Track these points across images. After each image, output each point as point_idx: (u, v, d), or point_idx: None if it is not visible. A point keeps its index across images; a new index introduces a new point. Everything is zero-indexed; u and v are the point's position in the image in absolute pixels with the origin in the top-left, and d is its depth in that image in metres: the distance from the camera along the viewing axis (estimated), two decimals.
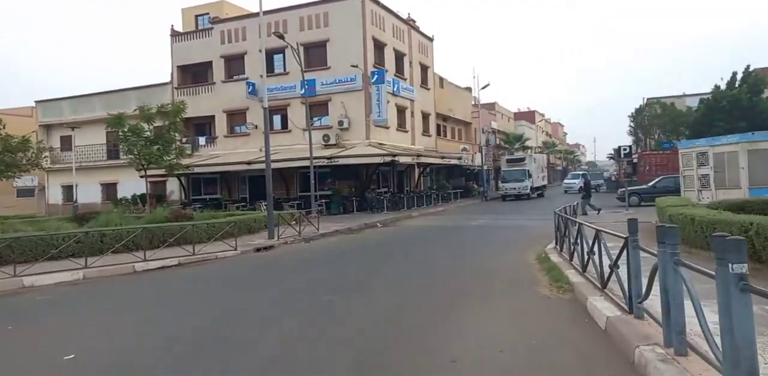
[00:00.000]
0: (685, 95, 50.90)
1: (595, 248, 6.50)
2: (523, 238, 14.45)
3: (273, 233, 15.11)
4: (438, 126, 38.89)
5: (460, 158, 34.81)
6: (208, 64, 31.13)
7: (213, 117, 31.04)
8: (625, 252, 5.14)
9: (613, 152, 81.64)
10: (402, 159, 25.41)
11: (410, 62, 32.82)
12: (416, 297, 7.31)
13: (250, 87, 28.67)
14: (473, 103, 46.32)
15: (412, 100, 32.63)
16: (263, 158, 19.35)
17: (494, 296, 7.16)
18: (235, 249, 13.14)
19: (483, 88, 38.83)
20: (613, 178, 65.71)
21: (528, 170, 35.47)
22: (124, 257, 11.66)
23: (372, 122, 27.34)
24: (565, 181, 49.43)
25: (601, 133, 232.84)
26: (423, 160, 28.39)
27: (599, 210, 20.64)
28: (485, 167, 42.56)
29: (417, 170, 33.90)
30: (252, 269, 11.08)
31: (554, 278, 7.64)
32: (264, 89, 17.23)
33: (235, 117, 30.64)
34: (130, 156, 21.20)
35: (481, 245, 13.09)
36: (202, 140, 31.16)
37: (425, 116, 35.25)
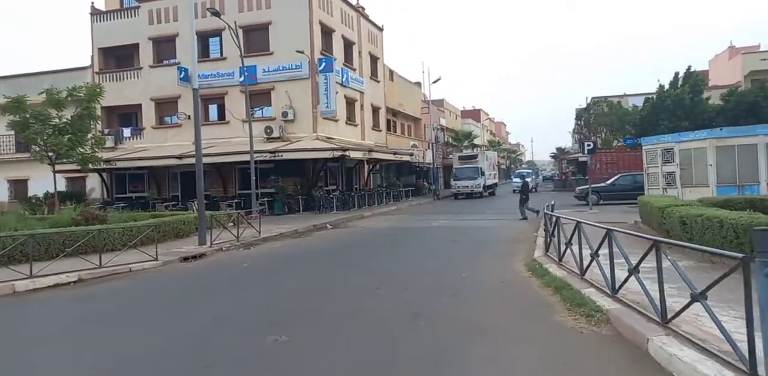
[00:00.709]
0: (626, 95, 51.67)
1: (645, 266, 4.76)
2: (496, 241, 12.80)
3: (205, 238, 12.70)
4: (388, 121, 37.09)
5: (411, 154, 33.14)
6: (134, 47, 27.82)
7: (140, 106, 27.77)
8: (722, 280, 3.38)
9: (556, 151, 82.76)
10: (353, 154, 23.37)
11: (360, 52, 30.78)
12: (395, 335, 5.31)
13: (182, 73, 25.71)
14: (423, 99, 44.89)
15: (361, 93, 30.62)
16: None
17: (504, 330, 5.27)
18: (156, 259, 10.67)
19: (434, 82, 37.40)
20: (555, 177, 66.44)
21: (480, 168, 34.31)
22: (4, 273, 9.02)
23: (319, 114, 25.10)
24: (515, 180, 47.86)
25: (537, 134, 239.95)
26: (375, 155, 26.47)
27: (524, 218, 18.89)
28: (435, 165, 41.22)
29: (367, 167, 31.97)
30: (172, 287, 8.73)
31: (572, 301, 5.86)
32: (195, 73, 14.62)
33: (165, 106, 27.52)
34: (34, 147, 18.01)
35: (453, 251, 11.28)
36: (126, 132, 27.84)
37: (375, 110, 33.34)
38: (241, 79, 23.54)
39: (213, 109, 26.82)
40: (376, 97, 33.34)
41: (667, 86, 39.70)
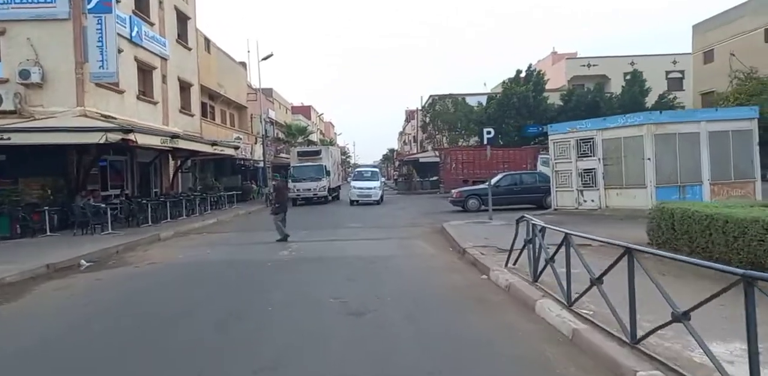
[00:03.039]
0: (461, 94, 49.89)
1: None
2: (431, 298, 6.16)
3: None
4: (204, 105, 28.48)
5: (237, 148, 25.14)
6: None
7: None
8: None
9: (388, 152, 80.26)
10: (144, 140, 14.85)
11: (160, 2, 21.94)
12: None
13: None
14: (249, 84, 36.85)
15: (164, 59, 21.83)
16: None
17: None
18: None
19: (265, 58, 29.81)
20: (394, 179, 62.96)
21: (325, 166, 27.74)
22: None
23: (88, 77, 16.04)
24: (356, 184, 27.98)
25: (357, 138, 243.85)
26: (183, 145, 18.04)
27: (286, 236, 12.41)
28: (266, 163, 33.58)
29: (173, 163, 23.20)
30: None
31: None
32: None
33: None
34: None
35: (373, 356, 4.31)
36: None
37: (185, 87, 24.64)
38: None
39: None
40: (186, 70, 24.66)
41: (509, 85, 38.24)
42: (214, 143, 20.89)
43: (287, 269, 8.62)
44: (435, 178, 40.24)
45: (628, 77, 38.99)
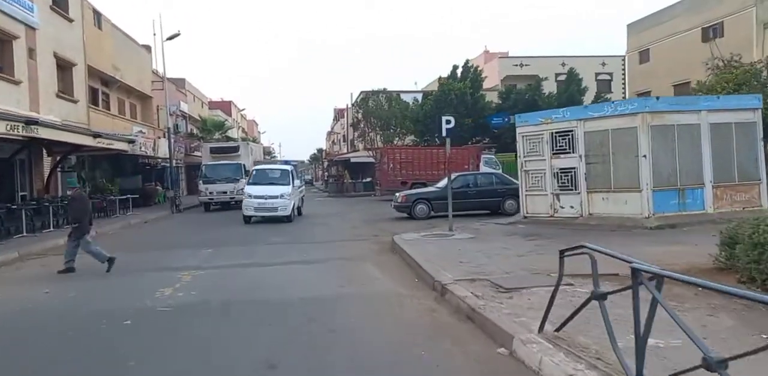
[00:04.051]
0: (395, 91, 47.27)
1: None
2: None
3: None
4: (94, 91, 23.69)
5: (132, 142, 20.60)
6: None
7: None
8: None
9: (316, 152, 76.27)
10: None
11: None
12: None
13: None
14: (155, 71, 31.92)
15: (31, 28, 17.16)
16: None
17: None
18: None
19: (170, 38, 25.24)
20: (324, 180, 59.29)
21: (244, 165, 23.86)
22: None
23: None
24: (252, 190, 17.33)
25: (283, 139, 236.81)
26: (47, 135, 13.65)
27: (110, 261, 8.61)
28: (173, 161, 28.92)
29: (48, 160, 18.49)
30: None
31: None
32: None
33: None
34: None
35: None
36: None
37: (65, 67, 19.93)
38: None
39: None
40: (67, 46, 19.90)
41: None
42: (97, 135, 16.48)
43: (157, 333, 5.02)
44: (369, 179, 37.33)
45: (560, 78, 38.08)
